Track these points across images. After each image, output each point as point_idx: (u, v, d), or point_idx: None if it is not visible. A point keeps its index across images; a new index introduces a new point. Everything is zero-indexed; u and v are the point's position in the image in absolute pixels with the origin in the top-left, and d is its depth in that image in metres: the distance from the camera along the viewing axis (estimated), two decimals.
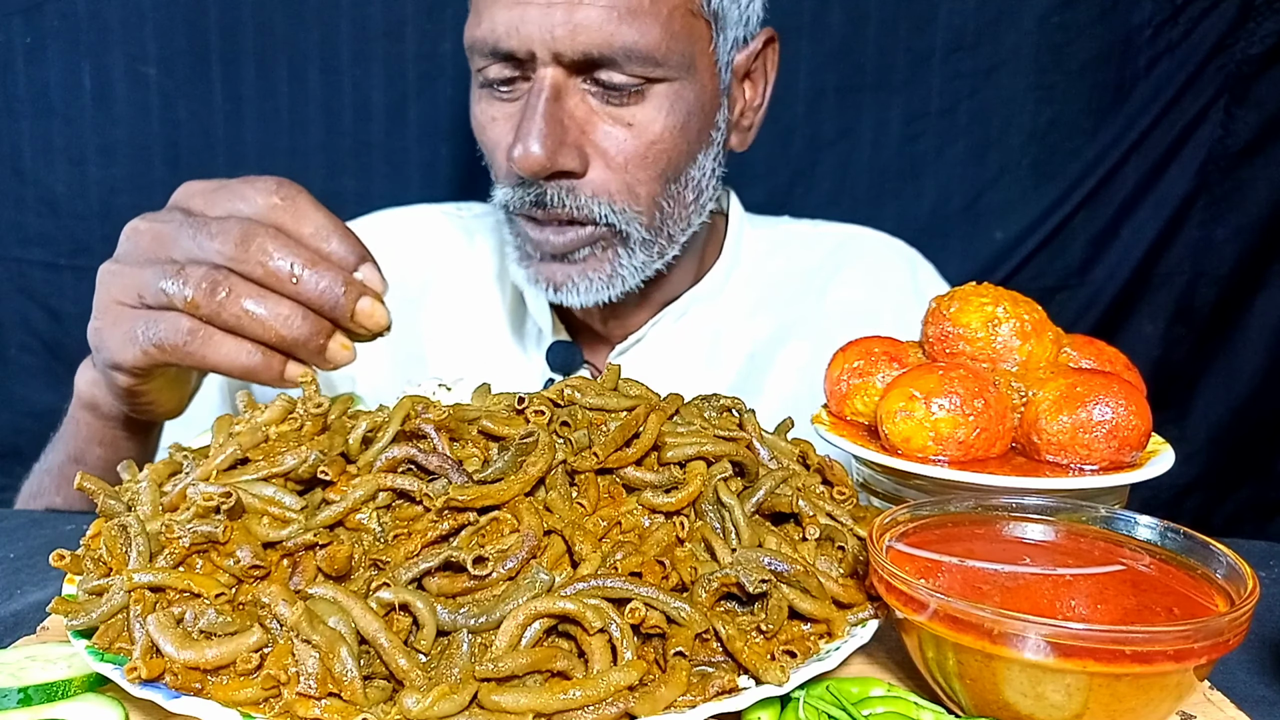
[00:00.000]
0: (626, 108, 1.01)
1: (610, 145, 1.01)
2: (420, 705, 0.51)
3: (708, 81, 1.04)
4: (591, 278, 1.06)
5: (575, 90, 1.00)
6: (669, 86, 1.01)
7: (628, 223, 1.04)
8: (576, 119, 1.01)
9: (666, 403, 0.72)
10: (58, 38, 1.60)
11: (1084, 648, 0.51)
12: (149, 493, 0.66)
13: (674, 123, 1.02)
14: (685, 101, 1.02)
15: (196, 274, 0.78)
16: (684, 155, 1.04)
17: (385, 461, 0.63)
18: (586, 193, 1.02)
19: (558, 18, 0.96)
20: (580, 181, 1.02)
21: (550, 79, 0.99)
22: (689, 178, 1.06)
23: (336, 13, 1.61)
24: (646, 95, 1.01)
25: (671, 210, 1.06)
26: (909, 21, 1.65)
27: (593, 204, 1.02)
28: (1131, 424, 0.72)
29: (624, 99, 1.00)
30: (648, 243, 1.06)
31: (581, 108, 1.01)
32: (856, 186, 1.72)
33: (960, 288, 0.82)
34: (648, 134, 1.01)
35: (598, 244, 1.05)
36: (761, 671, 0.56)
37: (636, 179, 1.03)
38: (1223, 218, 1.75)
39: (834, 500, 0.71)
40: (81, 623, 0.59)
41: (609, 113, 1.01)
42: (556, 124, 0.99)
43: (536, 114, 0.98)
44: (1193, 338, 1.80)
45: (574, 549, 0.60)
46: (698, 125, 1.04)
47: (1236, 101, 1.69)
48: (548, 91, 0.99)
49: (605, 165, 1.02)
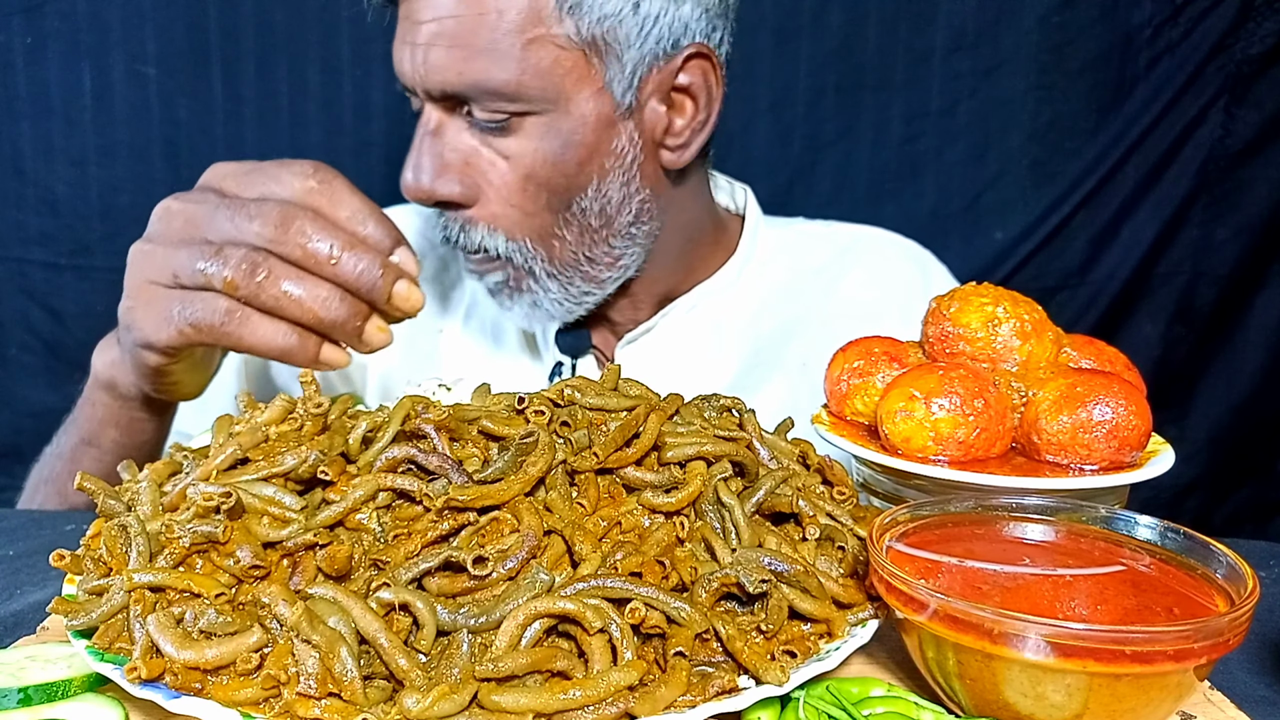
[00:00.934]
0: (500, 139, 1.01)
1: (493, 176, 1.03)
2: (420, 705, 0.51)
3: (591, 109, 1.02)
4: (515, 306, 1.09)
5: (458, 123, 1.02)
6: (538, 120, 1.01)
7: (526, 259, 1.05)
8: (461, 151, 1.02)
9: (666, 403, 0.72)
10: (58, 38, 1.60)
11: (1084, 648, 0.51)
12: (149, 493, 0.66)
13: (546, 155, 1.02)
14: (559, 133, 1.01)
15: (235, 255, 0.78)
16: (565, 186, 1.04)
17: (385, 461, 0.63)
18: (481, 229, 1.04)
19: (418, 58, 0.99)
20: (471, 213, 1.04)
21: (430, 112, 1.03)
22: (583, 206, 1.05)
23: (336, 13, 1.61)
24: (516, 129, 1.01)
25: (576, 239, 1.06)
26: (909, 21, 1.65)
27: (488, 240, 1.04)
28: (1131, 424, 0.72)
29: (496, 133, 1.01)
30: (556, 275, 1.07)
31: (464, 140, 1.02)
32: (856, 186, 1.72)
33: (960, 288, 0.82)
34: (522, 165, 1.02)
35: (509, 278, 1.07)
36: (761, 671, 0.56)
37: (522, 210, 1.03)
38: (1223, 218, 1.75)
39: (834, 500, 0.71)
40: (81, 623, 0.59)
41: (487, 143, 1.02)
42: (436, 156, 1.02)
43: (417, 144, 1.03)
44: (1193, 338, 1.80)
45: (574, 549, 0.60)
46: (578, 155, 1.03)
47: (1236, 101, 1.70)
48: (430, 124, 1.03)
49: (491, 197, 1.03)
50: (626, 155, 1.06)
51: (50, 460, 1.08)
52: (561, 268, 1.07)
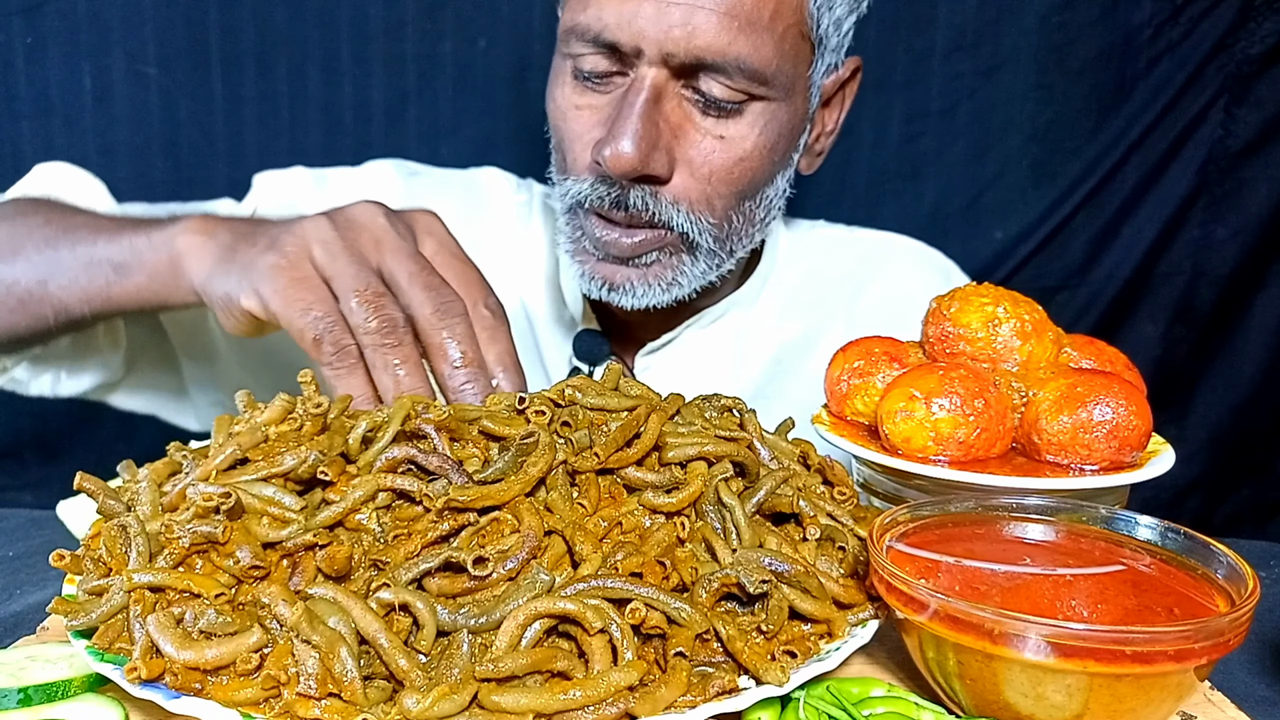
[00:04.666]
0: (723, 120, 0.98)
1: (697, 155, 0.99)
2: (420, 705, 0.51)
3: (800, 104, 1.03)
4: (652, 283, 1.04)
5: (673, 94, 0.98)
6: (766, 106, 0.99)
7: (700, 233, 1.02)
8: (671, 124, 0.98)
9: (667, 403, 0.72)
10: (58, 38, 1.60)
11: (1084, 648, 0.51)
12: (149, 493, 0.66)
13: (764, 143, 1.00)
14: (778, 123, 1.01)
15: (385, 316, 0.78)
16: (765, 175, 1.03)
17: (385, 462, 0.63)
18: (667, 199, 1.00)
19: (675, 17, 0.93)
20: (663, 188, 1.00)
21: (652, 79, 0.96)
22: (764, 196, 1.05)
23: (336, 13, 1.61)
24: (744, 111, 0.98)
25: (739, 226, 1.05)
26: (909, 21, 1.65)
27: (671, 210, 1.00)
28: (1132, 424, 0.72)
29: (721, 112, 0.98)
30: (712, 253, 1.05)
31: (677, 113, 0.98)
32: (856, 186, 1.72)
33: (960, 288, 0.82)
34: (737, 150, 0.99)
35: (665, 249, 1.03)
36: (762, 672, 0.56)
37: (716, 191, 1.01)
38: (1223, 218, 1.75)
39: (834, 500, 0.71)
40: (81, 623, 0.59)
41: (704, 123, 0.99)
42: (652, 126, 0.96)
43: (634, 113, 0.95)
44: (1193, 338, 1.80)
45: (574, 549, 0.60)
46: (784, 147, 1.03)
47: (1236, 101, 1.69)
48: (648, 92, 0.96)
49: (689, 174, 1.00)
50: (799, 152, 1.08)
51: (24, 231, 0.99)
52: (720, 249, 1.05)
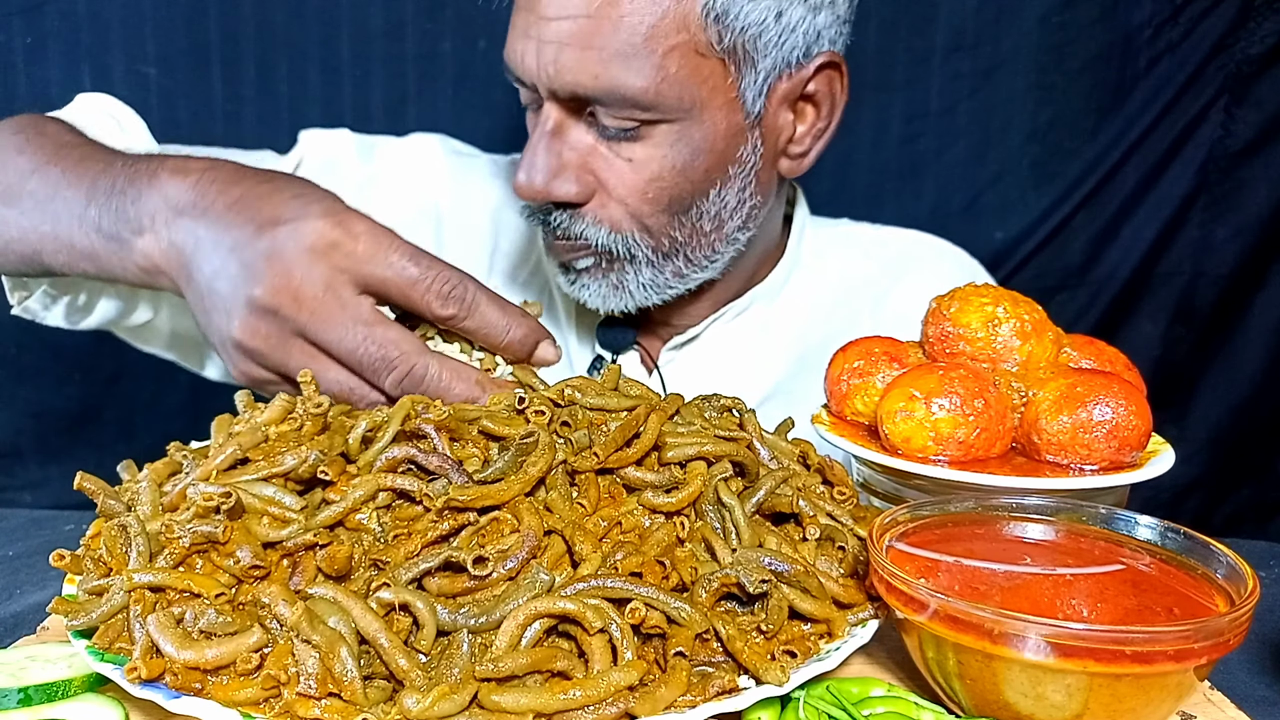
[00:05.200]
0: (625, 144, 1.00)
1: (611, 177, 1.01)
2: (420, 705, 0.51)
3: (721, 118, 1.00)
4: (598, 285, 1.06)
5: (582, 120, 1.00)
6: (669, 128, 0.99)
7: (629, 248, 1.03)
8: (579, 150, 1.00)
9: (667, 403, 0.72)
10: (58, 38, 1.60)
11: (1084, 648, 0.51)
12: (149, 493, 0.66)
13: (675, 162, 1.00)
14: (689, 141, 1.00)
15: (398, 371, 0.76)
16: (689, 192, 1.02)
17: (385, 461, 0.63)
18: (587, 219, 1.02)
19: (547, 55, 0.96)
20: (581, 210, 1.02)
21: (551, 112, 0.99)
22: (701, 210, 1.04)
23: (336, 13, 1.61)
24: (642, 136, 0.99)
25: (688, 239, 1.05)
26: (909, 21, 1.65)
27: (591, 230, 1.02)
28: (1131, 424, 0.72)
29: (621, 138, 0.99)
30: (654, 263, 1.05)
31: (585, 139, 1.00)
32: (856, 186, 1.72)
33: (960, 288, 0.82)
34: (646, 171, 1.00)
35: (598, 264, 1.05)
36: (762, 671, 0.56)
37: (640, 210, 1.02)
38: (1223, 218, 1.75)
39: (834, 500, 0.71)
40: (81, 623, 0.59)
41: (609, 148, 1.00)
42: (554, 156, 1.00)
43: (536, 145, 1.00)
44: (1193, 338, 1.80)
45: (574, 549, 0.60)
46: (706, 163, 1.01)
47: (1236, 101, 1.69)
48: (549, 124, 1.00)
49: (606, 195, 1.01)
50: (749, 162, 1.05)
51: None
52: (661, 258, 1.05)
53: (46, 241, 0.89)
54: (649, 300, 1.08)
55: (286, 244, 0.75)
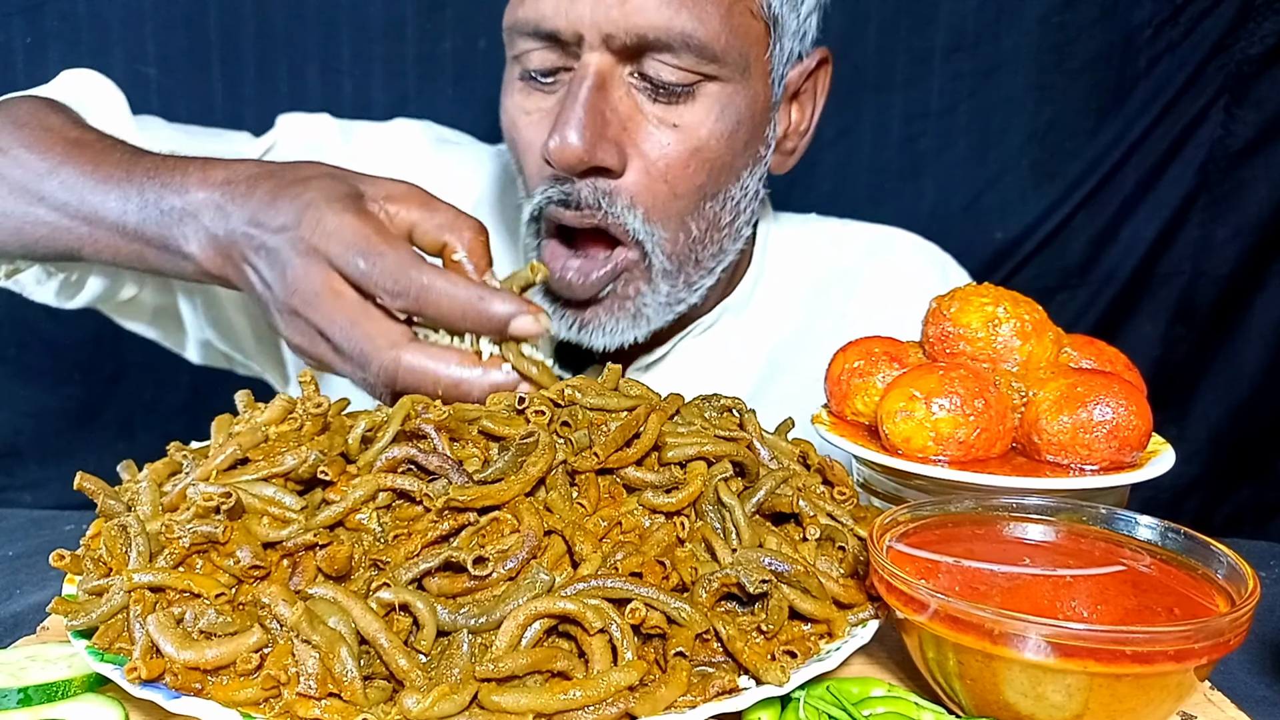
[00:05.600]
0: (674, 106, 0.92)
1: (651, 147, 0.93)
2: (420, 705, 0.51)
3: (760, 90, 0.96)
4: (618, 315, 0.98)
5: (621, 82, 0.92)
6: (721, 88, 0.93)
7: (654, 246, 0.95)
8: (619, 114, 0.92)
9: (667, 403, 0.72)
10: (58, 38, 1.60)
11: (1084, 648, 0.51)
12: (149, 493, 0.66)
13: (723, 129, 0.94)
14: (736, 107, 0.94)
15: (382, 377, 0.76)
16: (727, 169, 0.96)
17: (385, 461, 0.63)
18: (623, 199, 0.93)
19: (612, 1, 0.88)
20: (616, 184, 0.93)
21: (596, 65, 0.90)
22: (728, 196, 0.98)
23: (336, 13, 1.61)
24: (697, 95, 0.92)
25: (701, 234, 0.98)
26: (909, 21, 1.65)
27: (626, 214, 0.94)
28: (1132, 424, 0.72)
29: (672, 97, 0.92)
30: (670, 273, 0.98)
31: (626, 102, 0.92)
32: (856, 186, 1.72)
33: (960, 288, 0.82)
34: (693, 138, 0.93)
35: (621, 278, 0.97)
36: (762, 672, 0.56)
37: (674, 190, 0.94)
38: (1223, 218, 1.75)
39: (834, 500, 0.71)
40: (81, 623, 0.59)
41: (655, 111, 0.92)
42: (598, 115, 0.90)
43: (578, 102, 0.89)
44: (1193, 338, 1.80)
45: (574, 549, 0.60)
46: (745, 136, 0.96)
47: (1236, 101, 1.70)
48: (592, 79, 0.90)
49: (644, 169, 0.93)
50: (770, 149, 1.01)
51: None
52: (677, 265, 0.98)
53: (86, 243, 0.90)
54: (667, 318, 1.01)
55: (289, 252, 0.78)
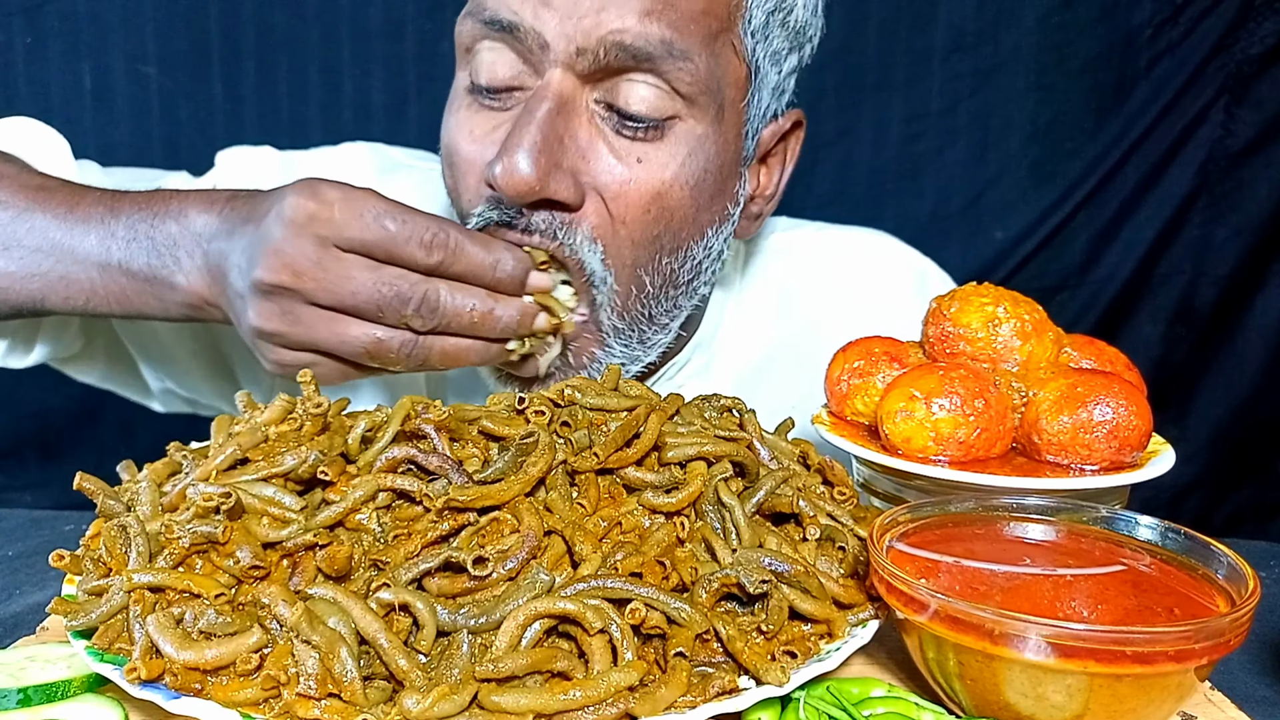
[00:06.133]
0: (639, 143, 0.83)
1: (610, 183, 0.83)
2: (420, 706, 0.51)
3: (732, 141, 0.88)
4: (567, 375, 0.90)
5: (583, 109, 0.83)
6: (691, 129, 0.84)
7: (605, 298, 0.87)
8: (579, 144, 0.83)
9: (667, 403, 0.72)
10: (58, 38, 1.60)
11: (1085, 648, 0.51)
12: (148, 493, 0.66)
13: (689, 174, 0.85)
14: (705, 153, 0.85)
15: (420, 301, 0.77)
16: (689, 221, 0.87)
17: (385, 462, 0.63)
18: (583, 231, 0.84)
19: (587, 4, 0.79)
20: (573, 215, 0.84)
21: (557, 85, 0.81)
22: (689, 255, 0.89)
23: (336, 13, 1.61)
24: (665, 132, 0.83)
25: (655, 290, 0.89)
26: (909, 21, 1.65)
27: (584, 248, 0.84)
28: (1132, 424, 0.72)
29: (638, 131, 0.83)
30: (621, 331, 0.89)
31: (586, 132, 0.83)
32: (856, 186, 1.72)
33: (960, 288, 0.82)
34: (656, 180, 0.83)
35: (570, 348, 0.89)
36: (762, 672, 0.56)
37: (631, 236, 0.85)
38: (1223, 218, 1.75)
39: (834, 500, 0.71)
40: (81, 623, 0.58)
41: (618, 145, 0.83)
42: (555, 140, 0.81)
43: (533, 123, 0.80)
44: (1193, 338, 1.80)
45: (574, 549, 0.60)
46: (712, 188, 0.87)
47: (1236, 101, 1.70)
48: (552, 100, 0.81)
49: (598, 208, 0.84)
50: (734, 208, 0.92)
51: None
52: (628, 323, 0.89)
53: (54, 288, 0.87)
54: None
55: (271, 227, 0.76)
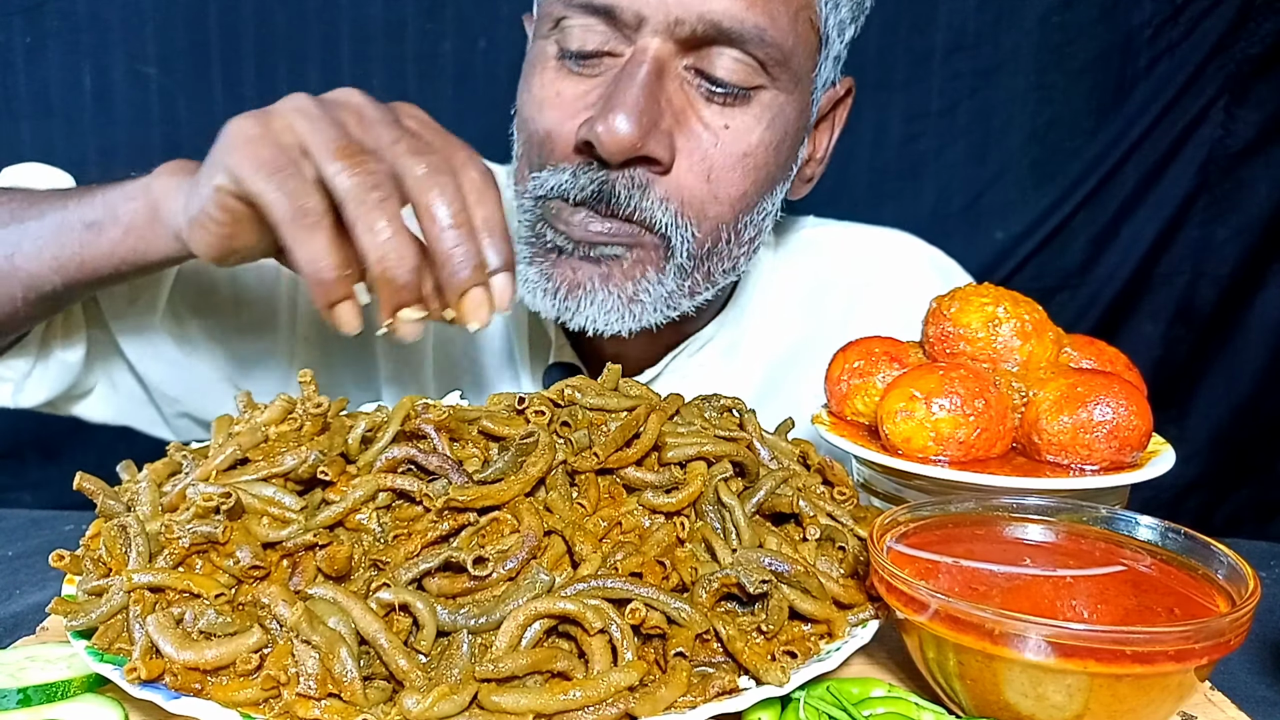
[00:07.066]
0: (728, 108, 0.88)
1: (698, 147, 0.88)
2: (420, 706, 0.51)
3: (804, 106, 0.94)
4: (612, 291, 0.91)
5: (675, 75, 0.87)
6: (774, 96, 0.90)
7: (681, 240, 0.90)
8: (673, 106, 0.87)
9: (667, 403, 0.72)
10: (58, 38, 1.60)
11: (1085, 648, 0.51)
12: (148, 493, 0.66)
13: (771, 139, 0.90)
14: (785, 118, 0.91)
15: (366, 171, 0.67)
16: (769, 180, 0.93)
17: (385, 462, 0.63)
18: (658, 194, 0.88)
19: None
20: (658, 178, 0.88)
21: (655, 51, 0.85)
22: (761, 210, 0.94)
23: (336, 13, 1.61)
24: (751, 99, 0.89)
25: (726, 243, 0.94)
26: (909, 21, 1.65)
27: (658, 211, 0.88)
28: (1132, 424, 0.72)
29: (727, 98, 0.88)
30: (684, 271, 0.92)
31: (679, 97, 0.87)
32: (856, 186, 1.72)
33: (961, 288, 0.82)
34: (743, 143, 0.89)
35: (636, 249, 0.90)
36: (762, 672, 0.56)
37: (714, 192, 0.90)
38: (1223, 218, 1.75)
39: (834, 501, 0.71)
40: (81, 623, 0.58)
41: (707, 109, 0.88)
42: (654, 103, 0.85)
43: (635, 85, 0.84)
44: (1193, 338, 1.80)
45: (574, 549, 0.60)
46: (788, 149, 0.93)
47: (1236, 101, 1.70)
48: (650, 64, 0.85)
49: (688, 168, 0.89)
50: (794, 170, 0.97)
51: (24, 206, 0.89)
52: (693, 265, 0.92)
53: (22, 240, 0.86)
54: (658, 319, 0.94)
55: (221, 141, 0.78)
